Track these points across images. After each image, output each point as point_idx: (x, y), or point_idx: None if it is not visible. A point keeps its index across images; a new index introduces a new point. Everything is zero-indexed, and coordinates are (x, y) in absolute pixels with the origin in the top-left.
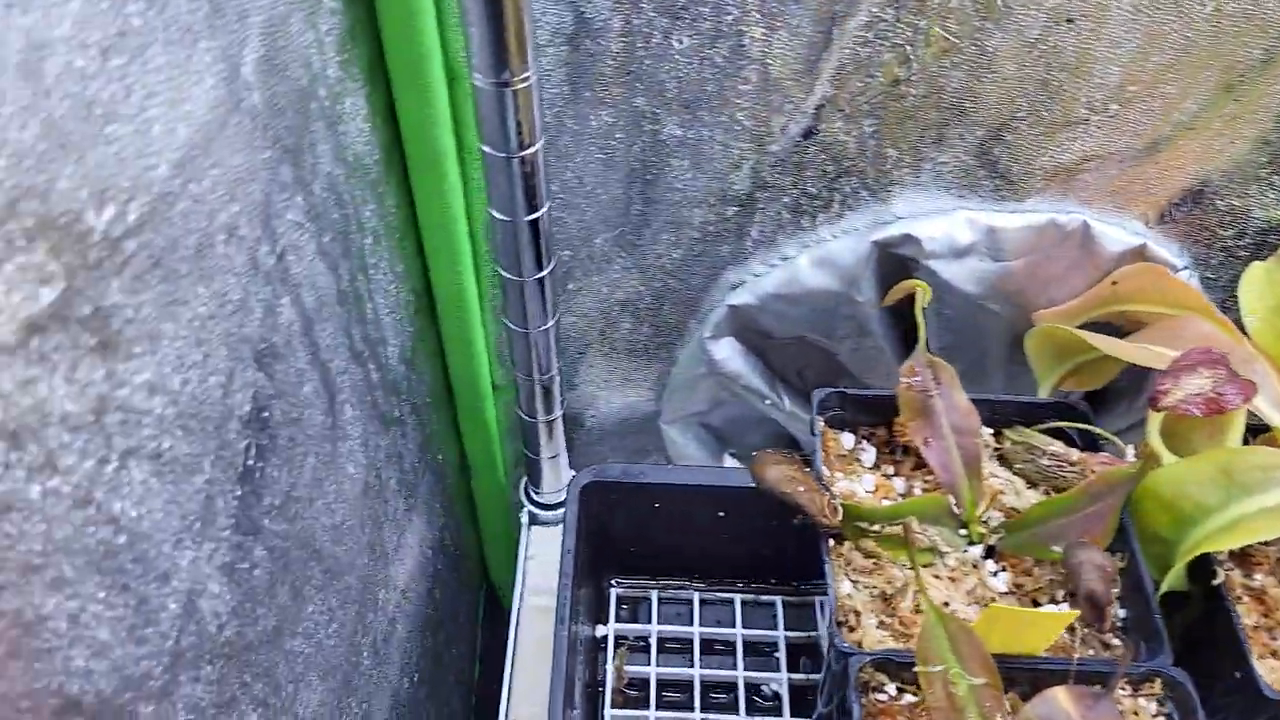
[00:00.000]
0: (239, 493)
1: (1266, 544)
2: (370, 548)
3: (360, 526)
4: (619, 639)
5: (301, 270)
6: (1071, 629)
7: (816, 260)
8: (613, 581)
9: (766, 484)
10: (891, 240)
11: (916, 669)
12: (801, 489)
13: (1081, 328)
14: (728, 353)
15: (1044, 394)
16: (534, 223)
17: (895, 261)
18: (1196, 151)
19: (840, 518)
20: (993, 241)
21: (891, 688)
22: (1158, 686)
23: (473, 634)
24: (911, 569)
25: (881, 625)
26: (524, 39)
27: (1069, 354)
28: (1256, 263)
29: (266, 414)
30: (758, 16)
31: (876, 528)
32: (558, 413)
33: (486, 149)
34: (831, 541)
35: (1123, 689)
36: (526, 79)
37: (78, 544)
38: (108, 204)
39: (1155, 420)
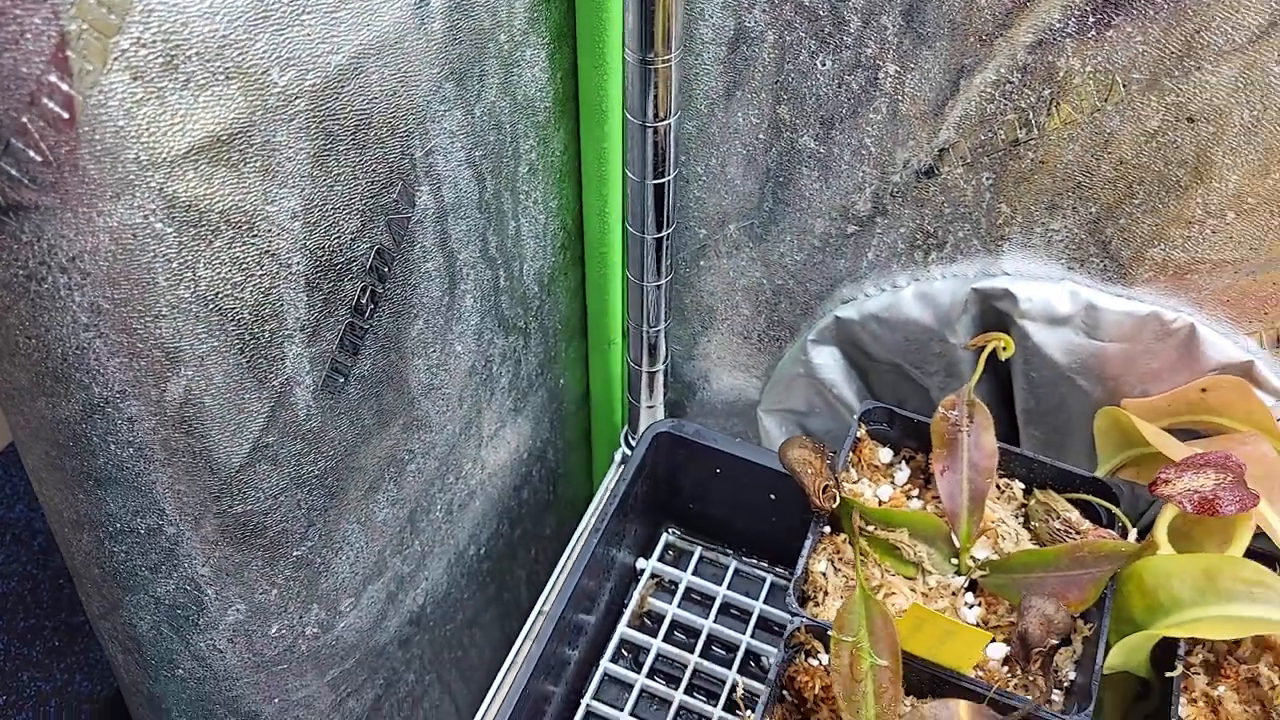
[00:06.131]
0: (349, 320)
1: (1240, 660)
2: (465, 422)
3: (459, 400)
4: (654, 576)
5: (446, 170)
6: (1012, 671)
7: (919, 294)
8: (669, 529)
9: (785, 461)
10: (991, 292)
11: (830, 634)
12: (810, 471)
13: (1167, 429)
14: (826, 360)
15: (1100, 475)
16: (658, 187)
17: (996, 315)
18: None
19: (835, 504)
20: (1091, 318)
21: (825, 656)
22: None
23: (558, 552)
24: (892, 573)
25: None
26: (669, 27)
27: (1130, 443)
28: None
29: (385, 269)
30: (893, 55)
31: (872, 528)
32: (660, 366)
33: (628, 115)
34: (828, 529)
35: None
36: (668, 61)
37: (208, 303)
38: (290, 68)
39: (1168, 513)
